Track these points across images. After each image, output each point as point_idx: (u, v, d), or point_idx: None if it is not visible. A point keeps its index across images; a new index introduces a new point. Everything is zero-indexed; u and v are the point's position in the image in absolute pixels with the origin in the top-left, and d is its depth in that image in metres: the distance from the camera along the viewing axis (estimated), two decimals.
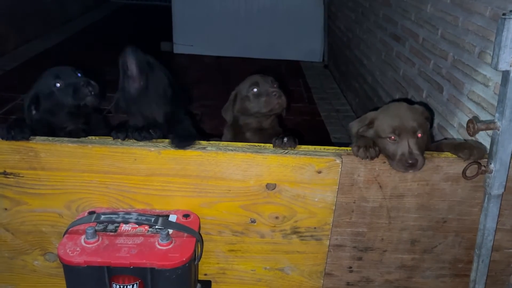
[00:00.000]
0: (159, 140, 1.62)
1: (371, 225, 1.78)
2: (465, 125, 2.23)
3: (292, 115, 4.48)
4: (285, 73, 5.94)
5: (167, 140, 1.60)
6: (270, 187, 1.62)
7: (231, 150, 1.58)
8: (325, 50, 6.15)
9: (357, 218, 1.75)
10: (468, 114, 2.25)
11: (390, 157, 1.64)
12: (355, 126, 1.82)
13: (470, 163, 1.58)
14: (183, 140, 1.55)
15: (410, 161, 1.58)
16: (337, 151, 1.63)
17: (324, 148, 1.64)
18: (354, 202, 1.72)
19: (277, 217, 1.67)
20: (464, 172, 1.59)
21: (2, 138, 1.51)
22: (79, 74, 1.76)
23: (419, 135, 1.67)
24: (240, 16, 6.22)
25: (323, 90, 5.26)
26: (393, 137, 1.64)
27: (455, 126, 2.38)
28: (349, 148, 1.65)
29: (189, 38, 6.31)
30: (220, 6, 6.16)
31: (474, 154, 1.58)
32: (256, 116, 2.09)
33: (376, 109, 1.86)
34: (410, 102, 1.96)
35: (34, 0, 6.51)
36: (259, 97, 2.04)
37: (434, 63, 2.67)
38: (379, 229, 1.79)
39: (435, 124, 2.62)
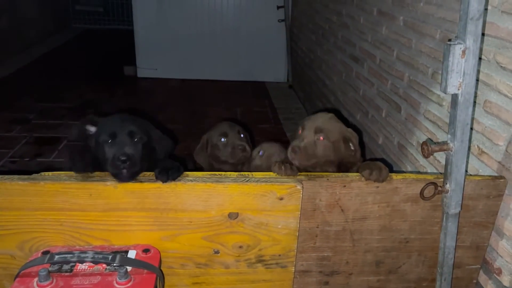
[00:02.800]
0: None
1: (336, 249, 1.78)
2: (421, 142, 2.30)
3: (258, 135, 4.50)
4: (251, 94, 5.99)
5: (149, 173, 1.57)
6: (233, 216, 1.59)
7: (191, 180, 1.55)
8: (289, 71, 6.26)
9: (321, 242, 1.75)
10: (425, 133, 2.31)
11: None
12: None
13: (427, 183, 1.61)
14: (166, 173, 1.52)
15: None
16: (297, 176, 1.63)
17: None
18: (317, 227, 1.71)
19: (241, 247, 1.65)
20: (421, 192, 1.62)
21: None
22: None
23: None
24: (204, 39, 6.26)
25: (288, 110, 5.33)
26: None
27: (414, 144, 2.44)
28: (310, 174, 1.66)
29: (153, 62, 6.28)
30: (183, 29, 6.19)
31: (373, 174, 1.62)
32: (227, 163, 2.40)
33: None
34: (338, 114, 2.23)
35: None
36: (226, 147, 2.35)
37: (392, 83, 2.75)
38: (344, 252, 1.79)
39: (395, 143, 2.68)
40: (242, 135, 2.42)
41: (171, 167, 1.54)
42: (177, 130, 4.51)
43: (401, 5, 2.64)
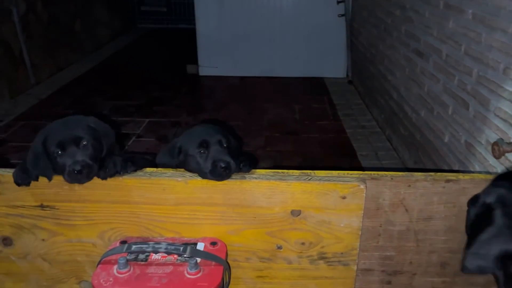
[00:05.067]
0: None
1: (399, 249, 1.76)
2: (493, 141, 2.20)
3: (317, 133, 4.51)
4: (309, 90, 5.98)
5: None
6: (295, 213, 1.63)
7: (255, 178, 1.61)
8: (349, 66, 6.16)
9: (384, 241, 1.74)
10: (495, 131, 2.21)
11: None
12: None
13: None
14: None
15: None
16: (361, 176, 1.64)
17: (347, 173, 1.65)
18: (380, 226, 1.71)
19: (303, 243, 1.69)
20: None
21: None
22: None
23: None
24: (263, 36, 6.33)
25: (348, 106, 5.26)
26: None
27: (483, 143, 2.34)
28: (373, 172, 1.66)
29: (214, 60, 6.46)
30: (243, 27, 6.29)
31: None
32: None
33: None
34: None
35: (65, 29, 6.83)
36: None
37: (459, 79, 2.65)
38: (408, 252, 1.77)
39: (462, 141, 2.58)
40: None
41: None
42: (237, 127, 4.64)
43: None
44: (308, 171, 1.67)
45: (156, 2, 10.25)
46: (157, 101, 5.47)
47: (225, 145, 1.67)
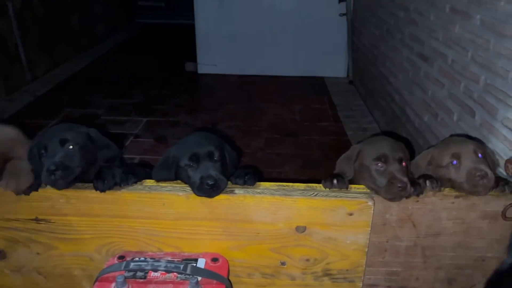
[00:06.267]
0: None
1: (406, 264, 1.72)
2: (499, 152, 2.15)
3: (317, 134, 4.45)
4: (309, 89, 5.91)
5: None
6: (300, 229, 1.58)
7: (259, 193, 1.56)
8: (350, 66, 6.10)
9: (391, 257, 1.70)
10: (503, 141, 2.16)
11: (377, 185, 1.59)
12: (342, 163, 1.78)
13: (510, 203, 1.50)
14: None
15: (399, 185, 1.52)
16: (368, 192, 1.59)
17: (355, 188, 1.60)
18: (387, 241, 1.66)
19: (307, 260, 1.64)
20: (504, 213, 1.52)
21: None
22: None
23: (404, 163, 1.64)
24: (263, 34, 6.25)
25: (349, 108, 5.20)
26: (379, 163, 1.61)
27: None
28: None
29: (213, 58, 6.37)
30: (243, 25, 6.21)
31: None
32: None
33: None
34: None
35: (62, 24, 6.72)
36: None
37: (465, 86, 2.59)
38: (414, 268, 1.73)
39: None
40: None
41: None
42: (236, 128, 4.57)
43: (478, 3, 2.46)
44: (314, 185, 1.62)
45: None
46: (155, 100, 5.39)
47: (216, 159, 1.60)
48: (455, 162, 1.63)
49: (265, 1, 6.09)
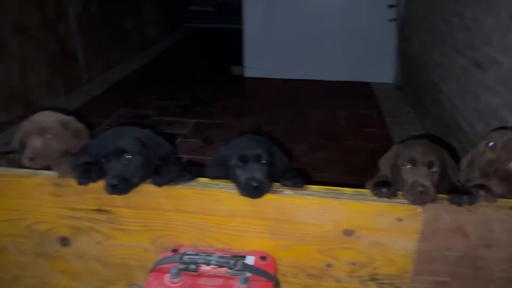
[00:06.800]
0: None
1: (455, 275, 1.69)
2: None
3: (363, 140, 4.41)
4: (355, 95, 5.87)
5: None
6: (348, 233, 1.60)
7: (308, 194, 1.59)
8: (398, 72, 5.99)
9: (440, 266, 1.67)
10: None
11: (403, 186, 1.60)
12: (382, 164, 1.84)
13: None
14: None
15: (420, 189, 1.52)
16: None
17: None
18: (436, 250, 1.64)
19: (354, 263, 1.65)
20: None
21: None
22: None
23: (436, 168, 1.62)
24: (311, 38, 6.28)
25: (396, 114, 5.12)
26: (408, 165, 1.61)
27: None
28: None
29: (259, 62, 6.46)
30: (291, 29, 6.26)
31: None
32: None
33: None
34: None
35: (117, 28, 7.05)
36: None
37: None
38: (464, 279, 1.70)
39: None
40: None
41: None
42: (281, 131, 4.61)
43: None
44: (363, 190, 1.63)
45: (203, 1, 10.39)
46: (202, 102, 5.54)
47: (263, 162, 1.65)
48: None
49: (313, 5, 6.11)
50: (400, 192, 1.61)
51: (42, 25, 5.16)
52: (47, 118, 1.82)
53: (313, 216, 1.60)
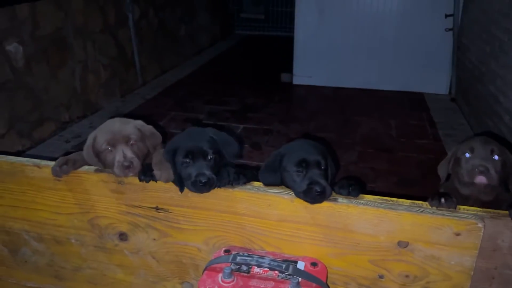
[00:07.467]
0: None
1: None
2: None
3: (415, 152, 4.30)
4: (407, 105, 5.73)
5: None
6: (402, 244, 1.58)
7: (363, 204, 1.59)
8: (453, 83, 5.80)
9: (499, 285, 1.61)
10: None
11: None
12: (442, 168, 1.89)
13: None
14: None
15: (481, 169, 1.64)
16: (479, 213, 1.53)
17: (464, 209, 1.56)
18: (495, 269, 1.58)
19: (407, 276, 1.62)
20: None
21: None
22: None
23: (496, 157, 1.70)
24: (362, 46, 6.21)
25: (450, 126, 4.95)
26: (468, 154, 1.72)
27: None
28: (493, 211, 1.54)
29: (308, 70, 6.46)
30: (341, 37, 6.23)
31: None
32: None
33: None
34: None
35: (171, 34, 7.29)
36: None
37: None
38: None
39: None
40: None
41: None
42: (328, 139, 4.58)
43: None
44: (420, 202, 1.60)
45: (255, 9, 10.54)
46: (251, 108, 5.61)
47: (323, 167, 1.66)
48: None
49: (366, 13, 6.05)
50: (460, 207, 1.57)
51: (103, 30, 5.45)
52: (124, 125, 1.85)
53: (367, 226, 1.59)
